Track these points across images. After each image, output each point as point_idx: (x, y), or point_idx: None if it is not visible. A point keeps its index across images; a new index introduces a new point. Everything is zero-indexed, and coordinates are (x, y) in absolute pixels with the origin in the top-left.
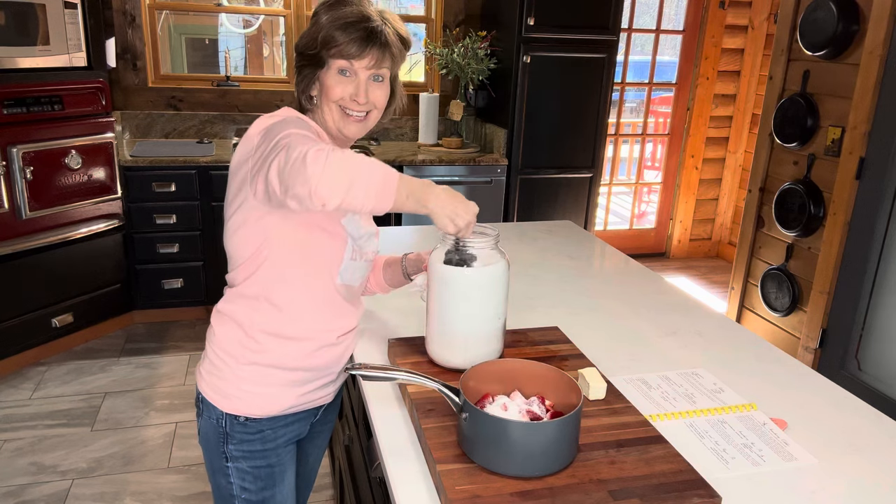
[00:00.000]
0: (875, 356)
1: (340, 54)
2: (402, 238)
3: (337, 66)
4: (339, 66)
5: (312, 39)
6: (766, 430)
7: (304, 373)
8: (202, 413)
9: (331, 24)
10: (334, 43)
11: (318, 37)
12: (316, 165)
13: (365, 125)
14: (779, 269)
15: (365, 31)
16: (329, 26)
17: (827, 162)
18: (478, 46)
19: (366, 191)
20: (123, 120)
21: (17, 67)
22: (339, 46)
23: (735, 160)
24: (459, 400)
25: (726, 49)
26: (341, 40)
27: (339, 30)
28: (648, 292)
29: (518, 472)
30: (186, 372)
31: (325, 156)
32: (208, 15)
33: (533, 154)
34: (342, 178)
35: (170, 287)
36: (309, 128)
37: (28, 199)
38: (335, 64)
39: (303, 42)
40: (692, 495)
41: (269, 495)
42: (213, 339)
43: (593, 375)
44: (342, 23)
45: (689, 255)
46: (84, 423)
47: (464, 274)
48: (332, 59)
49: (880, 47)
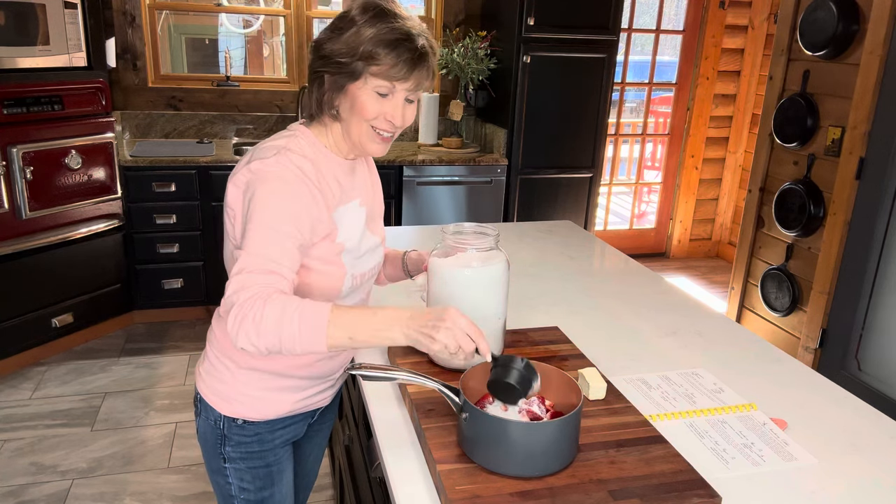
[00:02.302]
0: (875, 356)
1: (385, 75)
2: (403, 238)
3: (376, 85)
4: (378, 86)
5: (350, 49)
6: (766, 430)
7: (302, 380)
8: (200, 413)
9: (377, 39)
10: (379, 61)
11: (358, 48)
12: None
13: (388, 145)
14: (779, 269)
15: (414, 52)
16: (375, 41)
17: (827, 162)
18: (478, 46)
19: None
20: (123, 120)
21: (17, 67)
22: (383, 66)
23: (735, 160)
24: (459, 400)
25: (726, 49)
26: (389, 61)
27: (387, 47)
28: (648, 292)
29: (518, 472)
30: (186, 372)
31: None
32: (208, 15)
33: (533, 154)
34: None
35: (170, 287)
36: (300, 181)
37: (28, 199)
38: (374, 82)
39: (335, 48)
40: (692, 495)
41: (268, 495)
42: (213, 341)
43: (593, 375)
44: (391, 39)
45: (689, 255)
46: (84, 423)
47: (464, 274)
48: (372, 76)
49: (880, 47)
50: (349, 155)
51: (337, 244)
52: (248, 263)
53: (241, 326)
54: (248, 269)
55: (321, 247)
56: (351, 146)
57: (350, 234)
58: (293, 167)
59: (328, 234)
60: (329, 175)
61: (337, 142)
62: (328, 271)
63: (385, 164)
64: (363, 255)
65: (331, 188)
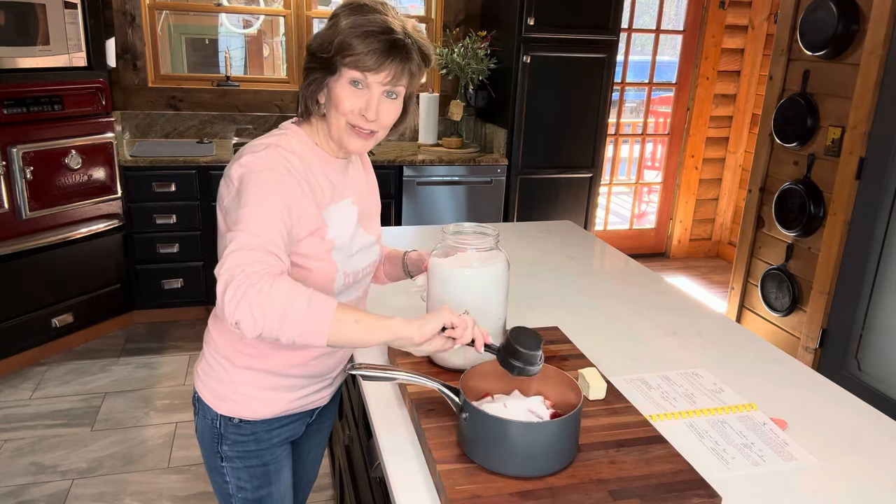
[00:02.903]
0: (875, 356)
1: (355, 65)
2: (403, 238)
3: (349, 77)
4: (351, 77)
5: (328, 42)
6: (766, 430)
7: (299, 379)
8: (198, 412)
9: (350, 30)
10: (350, 51)
11: (334, 41)
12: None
13: (369, 142)
14: (779, 269)
15: (386, 43)
16: (348, 32)
17: (827, 162)
18: (478, 46)
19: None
20: (123, 120)
21: (17, 67)
22: (356, 56)
23: (735, 160)
24: (459, 400)
25: (726, 49)
26: (359, 50)
27: (357, 38)
28: (648, 292)
29: (518, 472)
30: (186, 372)
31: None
32: (208, 15)
33: (533, 154)
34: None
35: (170, 287)
36: (289, 172)
37: (28, 199)
38: (348, 74)
39: (317, 43)
40: (692, 495)
41: (266, 493)
42: (210, 341)
43: (593, 375)
44: (362, 31)
45: (689, 255)
46: (84, 423)
47: (464, 274)
48: (345, 67)
49: (880, 47)
50: (339, 153)
51: (326, 241)
52: (246, 242)
53: (243, 299)
54: (247, 247)
55: (310, 243)
56: (335, 143)
57: (340, 232)
58: (282, 160)
59: (316, 230)
60: (319, 173)
61: (326, 139)
62: (319, 268)
63: (385, 164)
64: (356, 253)
65: (321, 186)
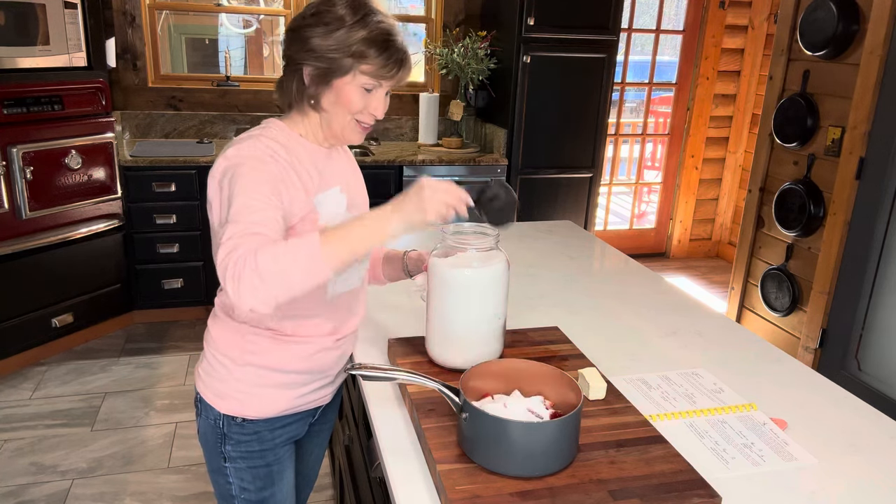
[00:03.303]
0: (875, 356)
1: (374, 74)
2: (403, 237)
3: (364, 82)
4: (365, 82)
5: (342, 46)
6: (766, 430)
7: (300, 375)
8: (201, 413)
9: (368, 39)
10: (370, 60)
11: (350, 46)
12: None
13: (365, 134)
14: (779, 269)
15: (401, 52)
16: (366, 41)
17: (827, 162)
18: (478, 46)
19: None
20: (123, 120)
21: (17, 67)
22: (376, 66)
23: (735, 160)
24: (459, 400)
25: (726, 49)
26: (380, 62)
27: (377, 47)
28: (648, 292)
29: (518, 472)
30: (186, 372)
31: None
32: (208, 15)
33: (533, 154)
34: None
35: (170, 287)
36: (273, 159)
37: (28, 199)
38: (362, 79)
39: (326, 44)
40: (692, 495)
41: (269, 494)
42: (210, 341)
43: (593, 375)
44: (381, 40)
45: (689, 255)
46: (84, 423)
47: (464, 274)
48: (361, 73)
49: (880, 47)
50: (324, 143)
51: (319, 227)
52: (234, 231)
53: (241, 282)
54: (235, 235)
55: (302, 230)
56: (330, 135)
57: (331, 221)
58: (266, 149)
59: (307, 215)
60: (306, 160)
61: (313, 130)
62: None
63: (385, 164)
64: None
65: (308, 173)
